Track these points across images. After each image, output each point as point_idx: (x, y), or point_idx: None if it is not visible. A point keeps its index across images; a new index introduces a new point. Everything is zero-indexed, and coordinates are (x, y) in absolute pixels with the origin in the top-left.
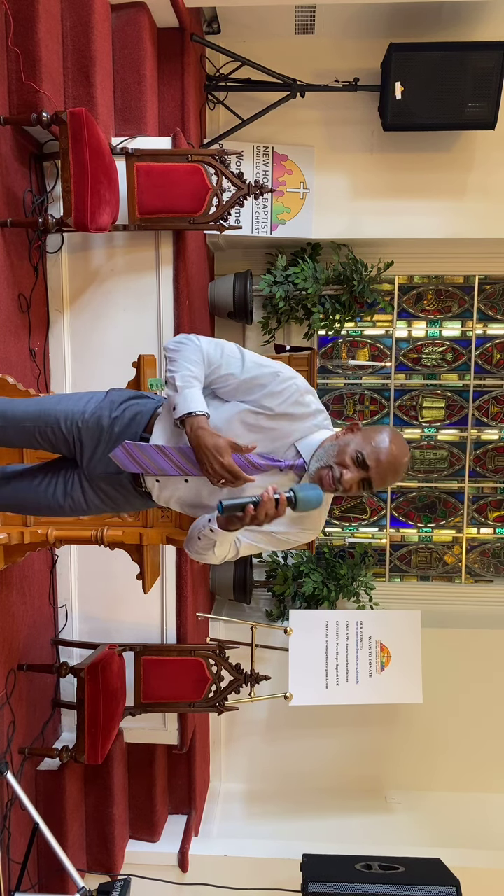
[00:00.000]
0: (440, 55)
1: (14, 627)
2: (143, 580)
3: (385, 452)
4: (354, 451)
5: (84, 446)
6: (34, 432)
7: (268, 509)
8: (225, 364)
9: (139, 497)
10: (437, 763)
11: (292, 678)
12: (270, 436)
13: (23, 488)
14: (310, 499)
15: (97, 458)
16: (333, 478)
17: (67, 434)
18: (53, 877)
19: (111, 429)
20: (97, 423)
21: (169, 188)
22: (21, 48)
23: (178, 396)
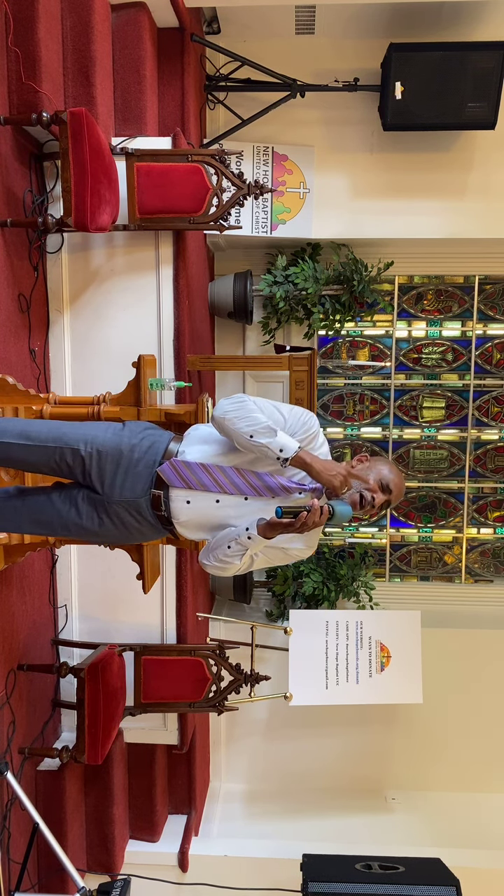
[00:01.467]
0: (440, 55)
1: (14, 627)
2: (143, 580)
3: (397, 481)
4: (379, 478)
5: (104, 471)
6: (54, 454)
7: (315, 517)
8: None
9: (153, 526)
10: (437, 763)
11: (292, 678)
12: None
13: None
14: (343, 513)
15: (118, 484)
16: (366, 500)
17: (87, 457)
18: (53, 877)
19: (130, 455)
20: (117, 448)
21: (169, 188)
22: (21, 48)
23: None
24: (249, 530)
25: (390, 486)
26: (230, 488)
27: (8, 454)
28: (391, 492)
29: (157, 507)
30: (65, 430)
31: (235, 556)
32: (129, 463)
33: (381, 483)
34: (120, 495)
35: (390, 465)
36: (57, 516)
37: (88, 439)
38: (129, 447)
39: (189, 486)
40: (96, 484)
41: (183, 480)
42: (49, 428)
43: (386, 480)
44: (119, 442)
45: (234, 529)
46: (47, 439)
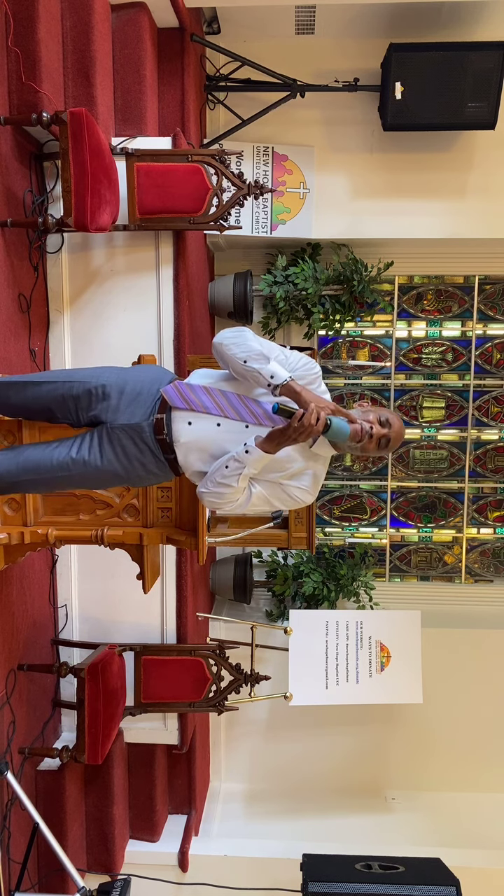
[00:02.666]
0: (440, 55)
1: (14, 627)
2: (143, 580)
3: (397, 423)
4: (379, 415)
5: (109, 399)
6: (62, 389)
7: (311, 418)
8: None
9: (154, 456)
10: (437, 763)
11: (292, 678)
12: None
13: (36, 454)
14: (340, 427)
15: (122, 408)
16: (364, 431)
17: (93, 390)
18: (53, 877)
19: (135, 384)
20: (122, 380)
21: (169, 188)
22: (21, 48)
23: (273, 366)
24: (247, 445)
25: (390, 422)
26: (231, 413)
27: (23, 393)
28: (390, 426)
29: (159, 430)
30: (73, 371)
31: (233, 475)
32: (132, 391)
33: (381, 418)
34: (123, 419)
35: (391, 412)
36: (58, 460)
37: (96, 375)
38: (135, 379)
39: (191, 406)
40: (101, 413)
41: (185, 401)
42: (54, 374)
43: (387, 417)
44: (125, 375)
45: (231, 452)
46: (57, 377)
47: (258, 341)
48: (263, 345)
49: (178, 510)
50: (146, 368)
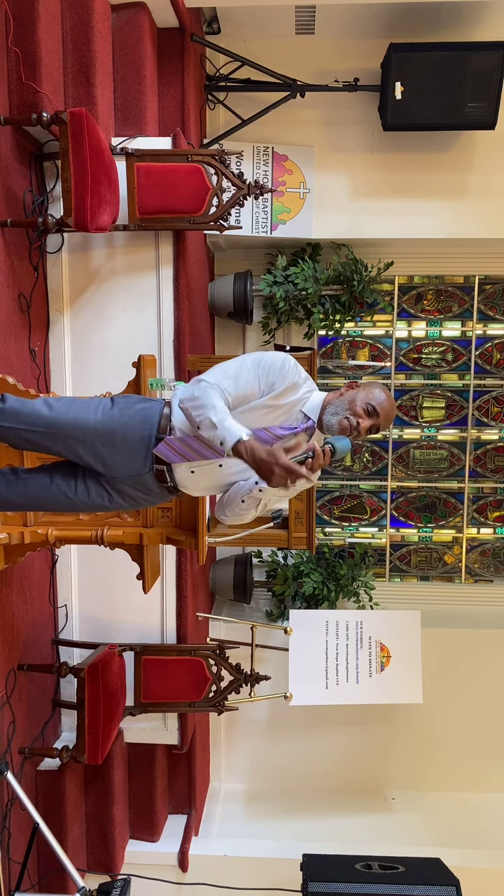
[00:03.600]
0: (440, 55)
1: (14, 627)
2: (143, 580)
3: (386, 403)
4: (365, 404)
5: (100, 454)
6: (47, 441)
7: (320, 460)
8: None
9: (161, 495)
10: (437, 763)
11: (292, 678)
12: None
13: (41, 488)
14: (343, 447)
15: (118, 463)
16: (351, 426)
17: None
18: (53, 877)
19: (123, 433)
20: (110, 430)
21: (169, 188)
22: (21, 48)
23: (222, 431)
24: (259, 484)
25: (377, 410)
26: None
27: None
28: (378, 415)
29: (162, 479)
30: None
31: (251, 507)
32: (123, 441)
33: (367, 408)
34: (122, 472)
35: (379, 388)
36: (64, 497)
37: (78, 428)
38: (122, 425)
39: (188, 458)
40: (97, 466)
41: (181, 456)
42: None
43: (373, 404)
44: (111, 423)
45: (243, 484)
46: (38, 425)
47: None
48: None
49: (178, 510)
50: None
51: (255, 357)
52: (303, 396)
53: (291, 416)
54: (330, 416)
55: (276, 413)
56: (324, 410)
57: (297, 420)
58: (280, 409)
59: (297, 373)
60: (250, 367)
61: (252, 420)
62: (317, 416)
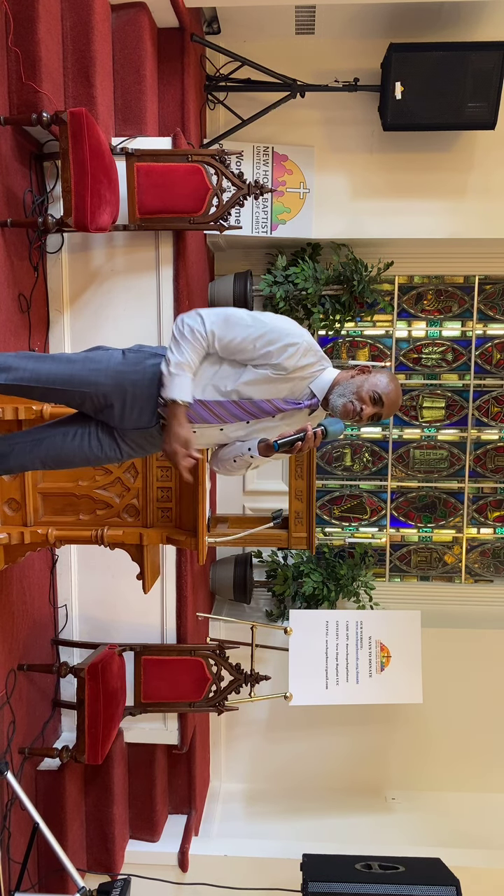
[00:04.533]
0: (440, 55)
1: (14, 627)
2: (143, 580)
3: (392, 393)
4: (371, 391)
5: (112, 408)
6: (62, 395)
7: (310, 443)
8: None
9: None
10: (437, 763)
11: (292, 678)
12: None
13: (56, 445)
14: (336, 431)
15: (127, 415)
16: (355, 411)
17: (95, 398)
18: (53, 877)
19: (134, 390)
20: (121, 387)
21: (169, 188)
22: (21, 48)
23: (170, 381)
24: (251, 451)
25: (382, 399)
26: (230, 418)
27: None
28: (382, 404)
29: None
30: (74, 370)
31: (240, 468)
32: (133, 398)
33: (373, 395)
34: (132, 424)
35: (389, 377)
36: (78, 451)
37: (93, 378)
38: (132, 383)
39: (191, 421)
40: (108, 419)
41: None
42: (59, 369)
43: (379, 392)
44: (122, 380)
45: (239, 445)
46: (56, 382)
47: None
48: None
49: (178, 510)
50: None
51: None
52: (312, 371)
53: (298, 390)
54: (336, 398)
55: (279, 387)
56: (331, 390)
57: (304, 395)
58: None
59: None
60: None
61: (257, 391)
62: (323, 396)
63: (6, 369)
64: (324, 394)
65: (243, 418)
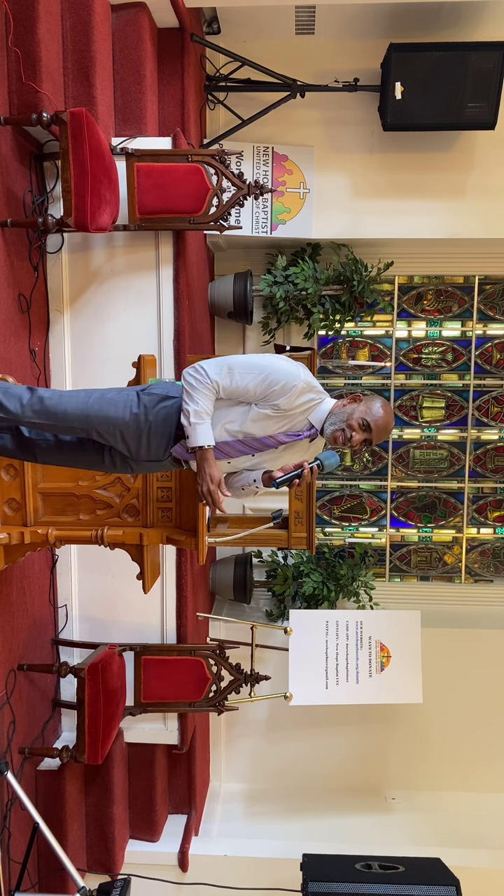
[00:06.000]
0: (440, 55)
1: (14, 627)
2: (143, 580)
3: (381, 420)
4: (360, 419)
5: (128, 444)
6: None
7: (308, 478)
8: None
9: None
10: (437, 763)
11: (292, 678)
12: (289, 421)
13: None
14: (332, 464)
15: (143, 449)
16: (345, 438)
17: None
18: (53, 876)
19: (148, 430)
20: (137, 428)
21: (169, 188)
22: (21, 48)
23: (192, 431)
24: (256, 482)
25: (370, 426)
26: (235, 454)
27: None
28: (371, 430)
29: (178, 464)
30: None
31: (248, 494)
32: (148, 435)
33: (362, 423)
34: (146, 456)
35: (381, 404)
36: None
37: (109, 424)
38: (147, 424)
39: None
40: (123, 451)
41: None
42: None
43: (368, 420)
44: (138, 422)
45: (247, 475)
46: (73, 420)
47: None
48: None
49: (178, 510)
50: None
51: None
52: (309, 405)
53: (297, 424)
54: (328, 426)
55: (279, 423)
56: (327, 419)
57: (304, 427)
58: (283, 420)
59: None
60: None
61: (258, 427)
62: (320, 426)
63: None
64: (321, 423)
65: (248, 452)
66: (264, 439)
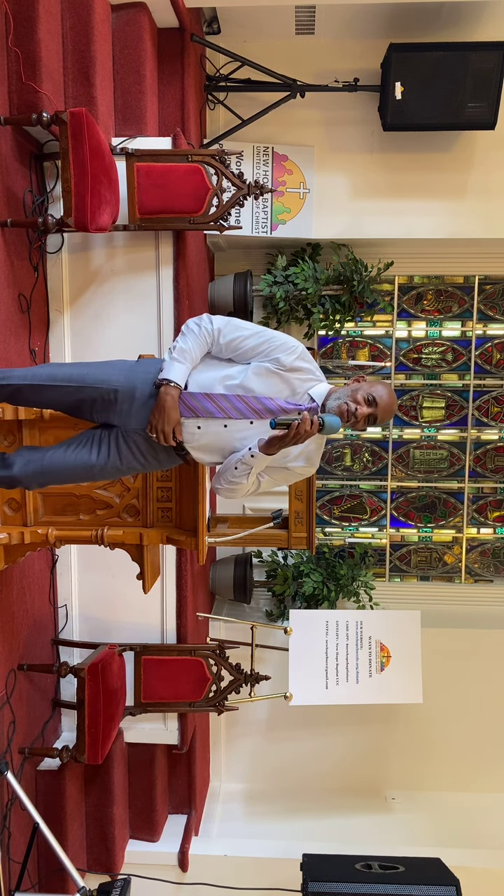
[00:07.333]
0: (440, 55)
1: (14, 627)
2: (143, 580)
3: (387, 396)
4: (367, 393)
5: (120, 406)
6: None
7: (306, 426)
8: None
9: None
10: (437, 763)
11: (292, 678)
12: (288, 387)
13: (57, 457)
14: (332, 423)
15: (133, 413)
16: (349, 411)
17: (105, 395)
18: (53, 877)
19: (143, 388)
20: (131, 385)
21: (169, 188)
22: (21, 48)
23: (168, 364)
24: (252, 449)
25: (376, 401)
26: (234, 413)
27: (40, 395)
28: (377, 405)
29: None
30: (86, 370)
31: (242, 475)
32: (142, 395)
33: (368, 397)
34: (136, 423)
35: (384, 385)
36: (81, 463)
37: (106, 376)
38: (143, 381)
39: (196, 413)
40: (113, 418)
41: (190, 409)
42: (72, 370)
43: (374, 395)
44: (133, 379)
45: (238, 453)
46: (70, 380)
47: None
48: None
49: (178, 510)
50: (153, 367)
51: (269, 333)
52: (308, 377)
53: (298, 395)
54: (332, 401)
55: (280, 384)
56: (328, 397)
57: (304, 400)
58: (283, 383)
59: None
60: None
61: (259, 384)
62: (321, 401)
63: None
64: (322, 399)
65: (247, 415)
66: (264, 400)
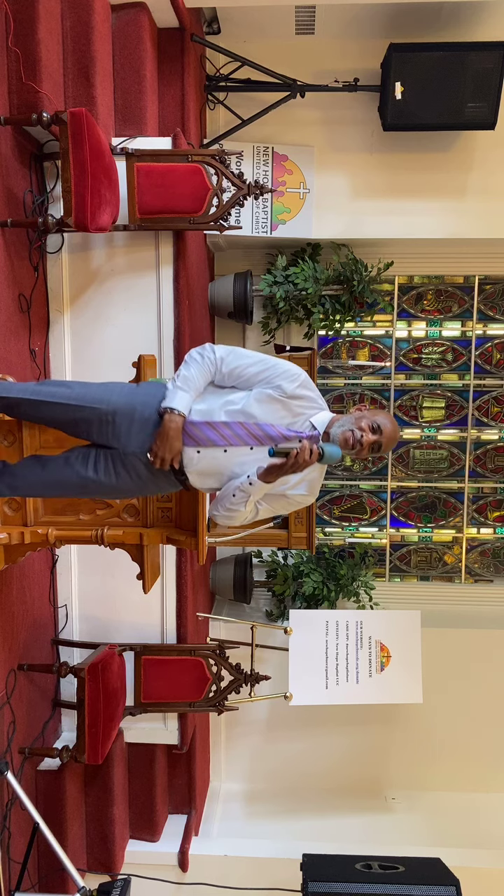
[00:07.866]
0: (440, 55)
1: (14, 627)
2: (143, 580)
3: (390, 425)
4: (371, 421)
5: (119, 427)
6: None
7: (305, 455)
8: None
9: (166, 476)
10: (437, 763)
11: (292, 678)
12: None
13: (56, 469)
14: (332, 453)
15: (133, 435)
16: (355, 438)
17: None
18: (53, 877)
19: (143, 410)
20: (130, 406)
21: (169, 188)
22: (21, 48)
23: (172, 393)
24: (250, 477)
25: (381, 429)
26: (235, 440)
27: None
28: (381, 433)
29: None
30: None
31: (240, 503)
32: (141, 417)
33: (372, 425)
34: (135, 446)
35: (386, 415)
36: (76, 476)
37: (106, 397)
38: (142, 403)
39: (198, 442)
40: (112, 440)
41: (191, 438)
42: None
43: (378, 423)
44: (132, 400)
45: (236, 480)
46: (69, 398)
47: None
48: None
49: (178, 510)
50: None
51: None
52: (310, 405)
53: (300, 423)
54: (336, 428)
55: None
56: (331, 424)
57: (306, 428)
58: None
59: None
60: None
61: (261, 410)
62: (323, 429)
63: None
64: (324, 427)
65: (248, 442)
66: (265, 426)
